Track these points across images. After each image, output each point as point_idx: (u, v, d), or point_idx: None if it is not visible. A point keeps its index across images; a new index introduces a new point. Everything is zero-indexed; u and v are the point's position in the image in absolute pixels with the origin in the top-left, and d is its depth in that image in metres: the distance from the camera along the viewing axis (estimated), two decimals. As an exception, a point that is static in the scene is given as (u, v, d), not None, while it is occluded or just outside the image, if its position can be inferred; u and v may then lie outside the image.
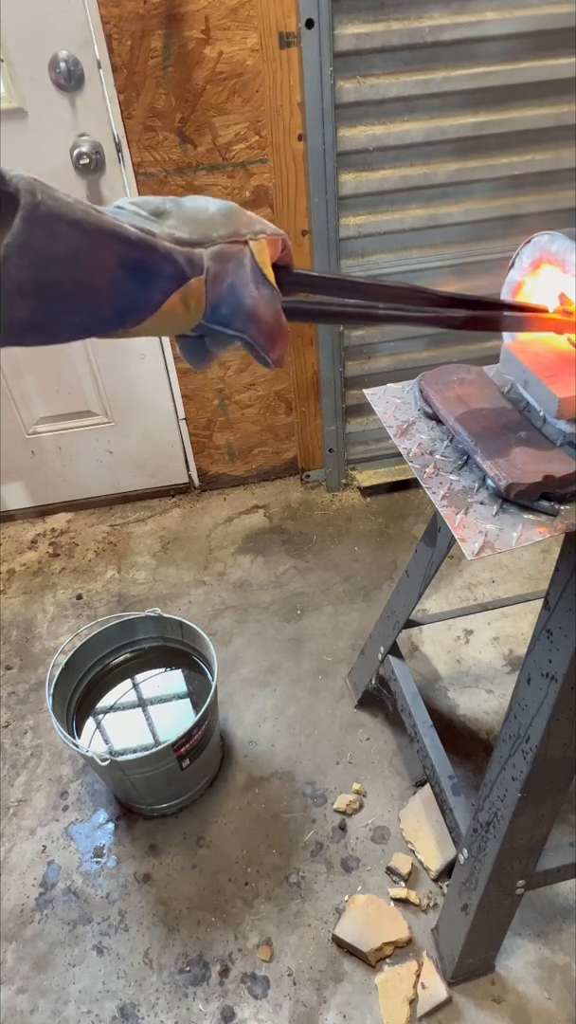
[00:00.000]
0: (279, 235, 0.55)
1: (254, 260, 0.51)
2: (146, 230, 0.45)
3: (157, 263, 0.45)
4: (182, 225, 0.48)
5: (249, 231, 0.51)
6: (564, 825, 1.43)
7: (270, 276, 0.52)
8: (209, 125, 1.68)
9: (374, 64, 1.65)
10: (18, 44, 1.53)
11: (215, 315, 0.50)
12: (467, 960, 1.21)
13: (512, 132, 1.78)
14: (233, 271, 0.50)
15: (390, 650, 1.48)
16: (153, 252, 0.45)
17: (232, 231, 0.50)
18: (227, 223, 0.50)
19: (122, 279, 0.44)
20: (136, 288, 0.45)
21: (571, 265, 0.76)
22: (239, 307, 0.50)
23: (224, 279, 0.49)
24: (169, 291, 0.46)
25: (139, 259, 0.44)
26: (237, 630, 1.89)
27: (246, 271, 0.50)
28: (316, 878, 1.40)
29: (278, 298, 0.53)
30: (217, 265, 0.49)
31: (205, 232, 0.49)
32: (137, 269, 0.44)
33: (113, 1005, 1.26)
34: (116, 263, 0.43)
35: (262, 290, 0.51)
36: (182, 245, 0.47)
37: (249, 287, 0.51)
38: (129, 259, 0.44)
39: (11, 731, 1.71)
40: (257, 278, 0.51)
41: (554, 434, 0.82)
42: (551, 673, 0.88)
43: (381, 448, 2.30)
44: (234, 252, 0.50)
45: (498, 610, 1.79)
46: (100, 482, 2.29)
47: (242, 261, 0.50)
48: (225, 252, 0.49)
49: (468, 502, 0.79)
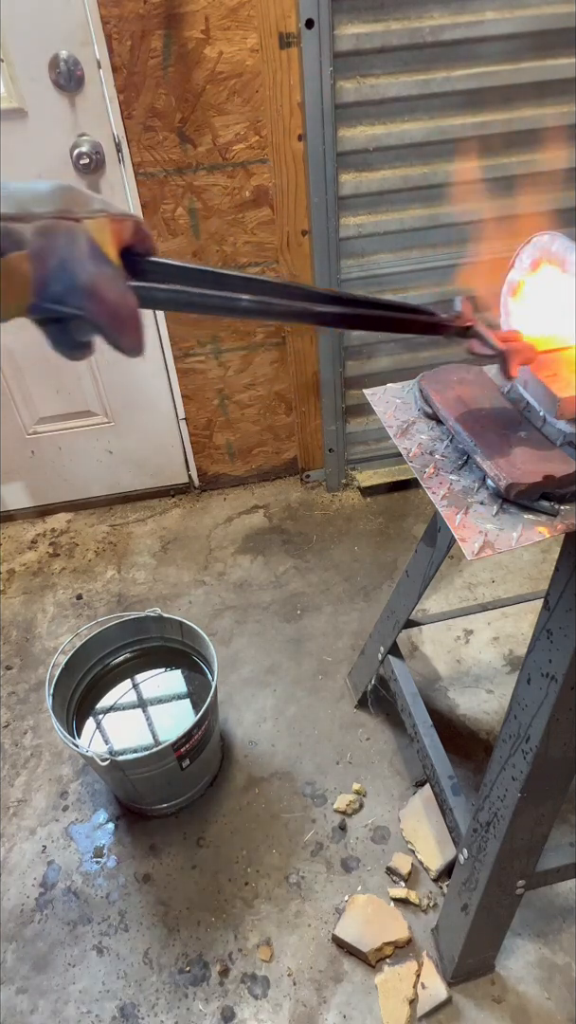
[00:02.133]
0: (128, 217, 0.52)
1: (91, 238, 0.48)
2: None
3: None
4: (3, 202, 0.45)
5: (84, 210, 0.49)
6: (564, 825, 1.43)
7: (111, 255, 0.50)
8: (209, 125, 1.68)
9: (374, 64, 1.65)
10: (18, 44, 1.53)
11: (47, 292, 0.48)
12: (467, 960, 1.21)
13: (512, 132, 1.78)
14: (64, 247, 0.47)
15: (390, 650, 1.48)
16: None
17: (60, 208, 0.48)
18: (54, 200, 0.48)
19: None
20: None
21: (571, 265, 0.77)
22: (73, 283, 0.48)
23: (52, 254, 0.47)
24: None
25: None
26: (237, 630, 1.89)
27: (81, 247, 0.48)
28: (316, 878, 1.40)
29: (121, 277, 0.50)
30: (42, 240, 0.46)
31: (27, 208, 0.46)
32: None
33: (113, 1005, 1.26)
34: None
35: (102, 267, 0.49)
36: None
37: (85, 263, 0.48)
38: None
39: (11, 731, 1.71)
40: (95, 255, 0.48)
41: (554, 434, 0.82)
42: (551, 673, 0.88)
43: (381, 448, 2.30)
44: (63, 227, 0.47)
45: (498, 610, 1.79)
46: (100, 482, 2.29)
47: (74, 237, 0.48)
48: (51, 227, 0.47)
49: (468, 502, 0.79)
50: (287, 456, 2.33)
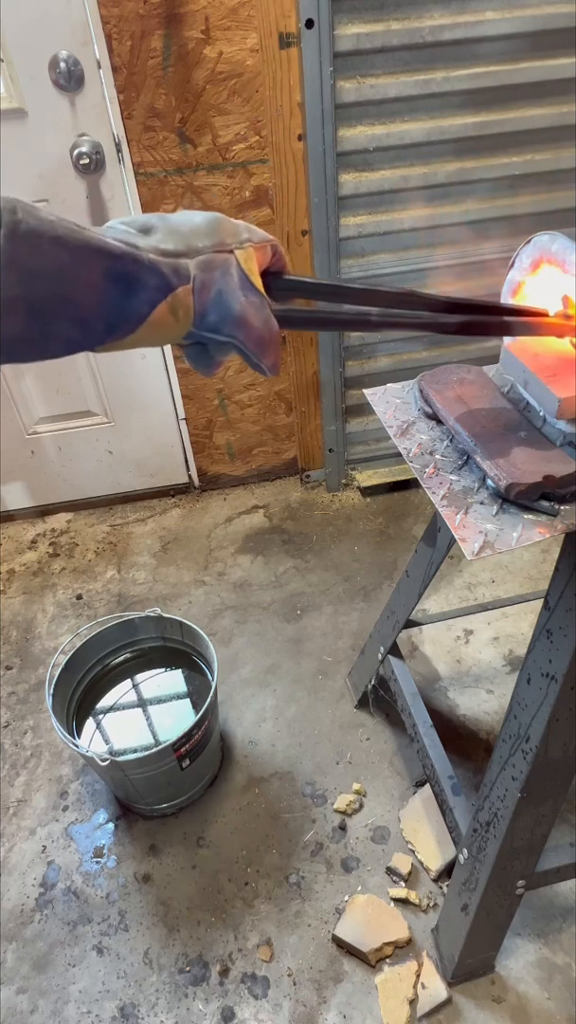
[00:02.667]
0: (268, 242, 0.55)
1: (240, 268, 0.52)
2: (131, 243, 0.46)
3: (142, 274, 0.46)
4: (167, 238, 0.49)
5: (235, 240, 0.52)
6: (564, 825, 1.43)
7: (257, 283, 0.53)
8: (209, 125, 1.68)
9: (374, 64, 1.65)
10: (18, 44, 1.53)
11: (204, 322, 0.51)
12: (467, 960, 1.21)
13: (512, 132, 1.78)
14: (220, 279, 0.51)
15: (390, 650, 1.48)
16: (138, 264, 0.46)
17: (217, 241, 0.51)
18: (211, 233, 0.51)
19: (109, 292, 0.45)
20: (123, 300, 0.46)
21: (571, 265, 0.76)
22: (227, 313, 0.51)
23: (211, 287, 0.50)
24: (156, 301, 0.47)
25: (124, 271, 0.45)
26: (237, 630, 1.89)
27: (233, 279, 0.51)
28: (316, 878, 1.40)
29: (266, 304, 0.54)
30: (204, 274, 0.50)
31: (190, 243, 0.50)
32: (123, 281, 0.46)
33: (113, 1005, 1.26)
34: (102, 276, 0.44)
35: (250, 296, 0.52)
36: (167, 256, 0.48)
37: (237, 293, 0.51)
38: (114, 272, 0.45)
39: (11, 731, 1.71)
40: (244, 285, 0.52)
41: (554, 434, 0.82)
42: (551, 673, 0.88)
43: (381, 448, 2.30)
44: (220, 261, 0.51)
45: (498, 610, 1.79)
46: (100, 482, 2.29)
47: (228, 269, 0.51)
48: (211, 261, 0.50)
49: (468, 502, 0.79)
50: (287, 456, 2.33)
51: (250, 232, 0.54)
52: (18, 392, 2.05)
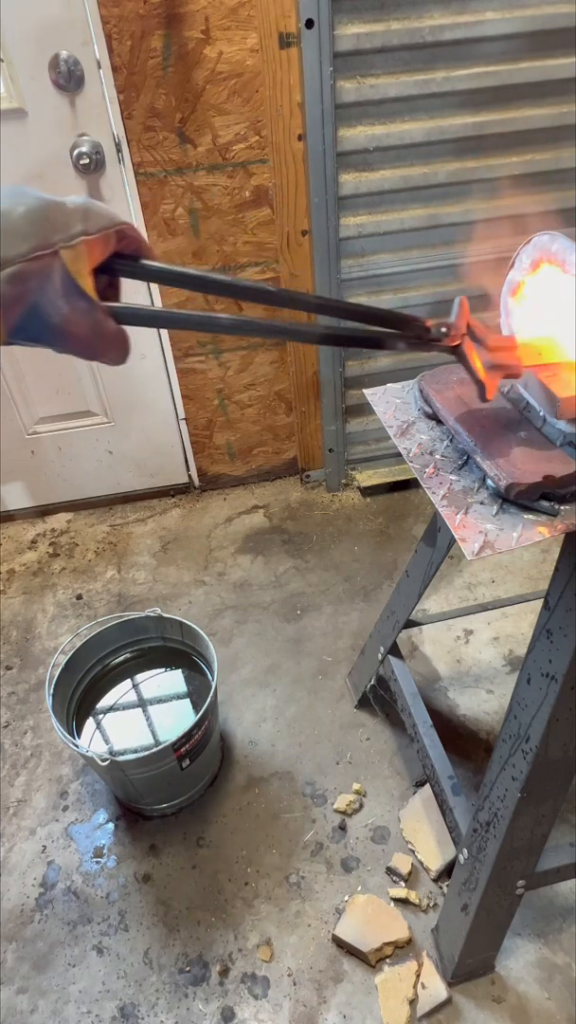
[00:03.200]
0: (108, 229, 0.51)
1: (65, 271, 0.48)
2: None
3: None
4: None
5: (63, 236, 0.48)
6: (564, 825, 1.43)
7: (86, 286, 0.49)
8: (209, 125, 1.68)
9: (374, 64, 1.65)
10: (18, 44, 1.53)
11: (21, 334, 0.49)
12: (467, 960, 1.21)
13: (512, 132, 1.78)
14: (36, 290, 0.47)
15: (390, 650, 1.48)
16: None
17: (36, 243, 0.46)
18: (32, 233, 0.46)
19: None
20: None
21: (571, 265, 0.76)
22: (45, 325, 0.48)
23: (25, 300, 0.47)
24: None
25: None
26: (237, 630, 1.89)
27: (54, 285, 0.47)
28: (316, 878, 1.40)
29: (96, 308, 0.50)
30: (14, 288, 0.46)
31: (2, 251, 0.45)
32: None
33: (113, 1005, 1.26)
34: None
35: (75, 302, 0.49)
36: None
37: (57, 304, 0.48)
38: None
39: (11, 731, 1.71)
40: (68, 291, 0.48)
41: (554, 434, 0.82)
42: (551, 673, 0.88)
43: (381, 448, 2.30)
44: (37, 269, 0.46)
45: (498, 610, 1.79)
46: (100, 482, 2.29)
47: (49, 275, 0.47)
48: (24, 272, 0.46)
49: (468, 502, 0.79)
50: (287, 456, 2.32)
51: (86, 220, 0.49)
52: (18, 392, 2.05)
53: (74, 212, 0.49)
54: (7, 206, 0.46)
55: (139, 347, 2.01)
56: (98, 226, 0.50)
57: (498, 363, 0.75)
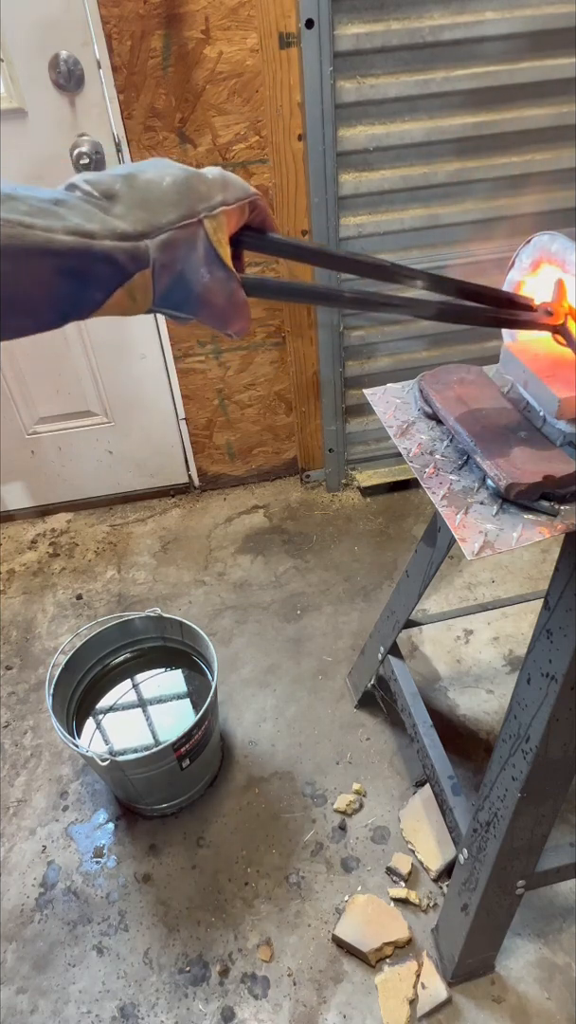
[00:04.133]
0: (244, 200, 0.52)
1: (208, 241, 0.49)
2: (83, 232, 0.44)
3: (96, 266, 0.45)
4: (129, 213, 0.46)
5: (206, 206, 0.49)
6: (564, 825, 1.43)
7: (225, 256, 0.51)
8: (209, 125, 1.68)
9: (374, 64, 1.65)
10: (18, 44, 1.53)
11: (165, 302, 0.50)
12: (467, 960, 1.21)
13: (512, 132, 1.78)
14: (183, 258, 0.48)
15: (390, 650, 1.48)
16: (89, 257, 0.44)
17: (184, 212, 0.48)
18: (179, 202, 0.48)
19: (60, 286, 0.44)
20: (75, 291, 0.45)
21: (571, 265, 0.76)
22: (189, 293, 0.50)
23: (173, 268, 0.48)
24: (111, 289, 0.46)
25: (74, 267, 0.44)
26: (237, 630, 1.89)
27: (198, 254, 0.49)
28: (316, 878, 1.40)
29: (233, 277, 0.52)
30: (164, 255, 0.47)
31: (153, 219, 0.47)
32: (73, 275, 0.44)
33: (113, 1005, 1.26)
34: (52, 273, 0.43)
35: (215, 272, 0.50)
36: (126, 239, 0.45)
37: (200, 272, 0.49)
38: (64, 268, 0.43)
39: (11, 731, 1.71)
40: (210, 259, 0.50)
41: (554, 434, 0.82)
42: (551, 673, 0.88)
43: (381, 448, 2.30)
44: (184, 237, 0.48)
45: (498, 610, 1.79)
46: (100, 482, 2.29)
47: (194, 244, 0.49)
48: (174, 240, 0.48)
49: (468, 502, 0.79)
50: (287, 456, 2.33)
51: (225, 191, 0.51)
52: (18, 392, 2.05)
53: (214, 182, 0.50)
54: (155, 176, 0.48)
55: (139, 347, 2.01)
56: (235, 196, 0.51)
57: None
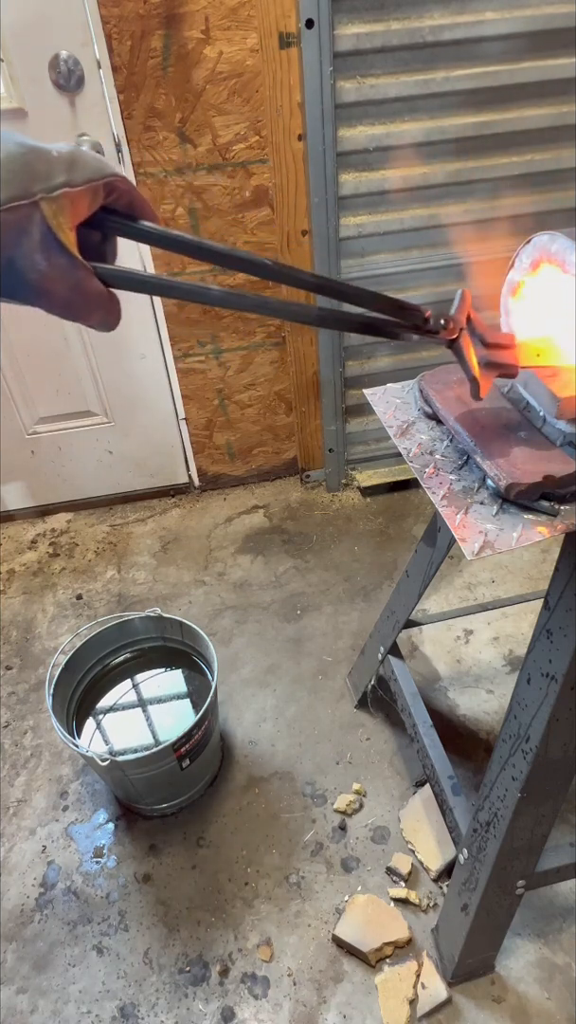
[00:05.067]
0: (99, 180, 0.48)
1: (45, 224, 0.45)
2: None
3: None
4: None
5: (44, 186, 0.45)
6: (564, 825, 1.43)
7: (67, 240, 0.46)
8: (209, 125, 1.68)
9: (374, 64, 1.65)
10: (18, 44, 1.53)
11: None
12: (467, 960, 1.21)
13: (512, 132, 1.78)
14: (12, 243, 0.44)
15: (390, 650, 1.48)
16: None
17: (17, 192, 0.44)
18: (11, 181, 0.44)
19: None
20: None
21: (571, 265, 0.76)
22: (21, 282, 0.46)
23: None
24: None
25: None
26: (237, 630, 1.89)
27: (32, 240, 0.45)
28: (316, 878, 1.40)
29: (78, 264, 0.47)
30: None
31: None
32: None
33: (113, 1005, 1.26)
34: None
35: (54, 259, 0.46)
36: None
37: (34, 258, 0.45)
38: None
39: (11, 731, 1.71)
40: (48, 245, 0.45)
41: (554, 434, 0.82)
42: (551, 673, 0.88)
43: (381, 448, 2.30)
44: (14, 220, 0.44)
45: (498, 610, 1.79)
46: (100, 482, 2.29)
47: (27, 228, 0.45)
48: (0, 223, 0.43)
49: (468, 502, 0.79)
50: (287, 456, 2.32)
51: (71, 171, 0.46)
52: (18, 392, 2.05)
53: (58, 161, 0.46)
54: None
55: (139, 347, 2.01)
56: (84, 177, 0.47)
57: (494, 361, 0.75)
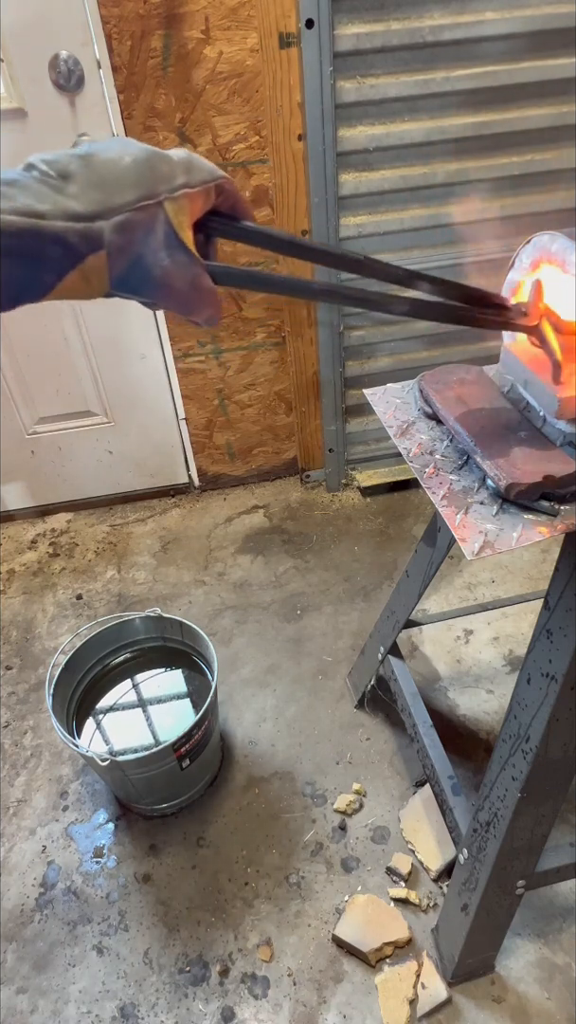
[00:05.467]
0: (209, 183, 0.51)
1: (168, 223, 0.48)
2: (33, 212, 0.43)
3: (45, 248, 0.43)
4: (83, 193, 0.45)
5: (167, 187, 0.48)
6: (564, 825, 1.43)
7: (187, 238, 0.49)
8: (209, 125, 1.68)
9: (374, 64, 1.65)
10: (18, 44, 1.53)
11: (123, 286, 0.48)
12: (467, 960, 1.21)
13: (512, 132, 1.78)
14: (140, 240, 0.47)
15: (390, 650, 1.48)
16: (38, 238, 0.43)
17: (143, 192, 0.46)
18: (139, 183, 0.46)
19: (8, 268, 0.42)
20: (24, 274, 0.43)
21: (571, 265, 0.76)
22: (147, 277, 0.48)
23: (128, 251, 0.47)
24: (64, 271, 0.45)
25: (22, 247, 0.42)
26: (237, 630, 1.89)
27: (157, 237, 0.47)
28: (316, 878, 1.40)
29: (196, 262, 0.50)
30: (120, 237, 0.46)
31: (109, 200, 0.45)
32: (22, 257, 0.43)
33: (113, 1005, 1.26)
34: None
35: (176, 256, 0.48)
36: (79, 220, 0.44)
37: (159, 255, 0.48)
38: (11, 249, 0.42)
39: (11, 731, 1.71)
40: (170, 243, 0.48)
41: (554, 434, 0.82)
42: (551, 673, 0.88)
43: (381, 448, 2.30)
44: (142, 219, 0.46)
45: (498, 610, 1.79)
46: (100, 482, 2.29)
47: (152, 227, 0.47)
48: (130, 222, 0.46)
49: (468, 502, 0.79)
50: (287, 456, 2.32)
51: (189, 174, 0.49)
52: (18, 392, 2.05)
53: (178, 164, 0.49)
54: (115, 155, 0.47)
55: (139, 347, 2.01)
56: (200, 179, 0.50)
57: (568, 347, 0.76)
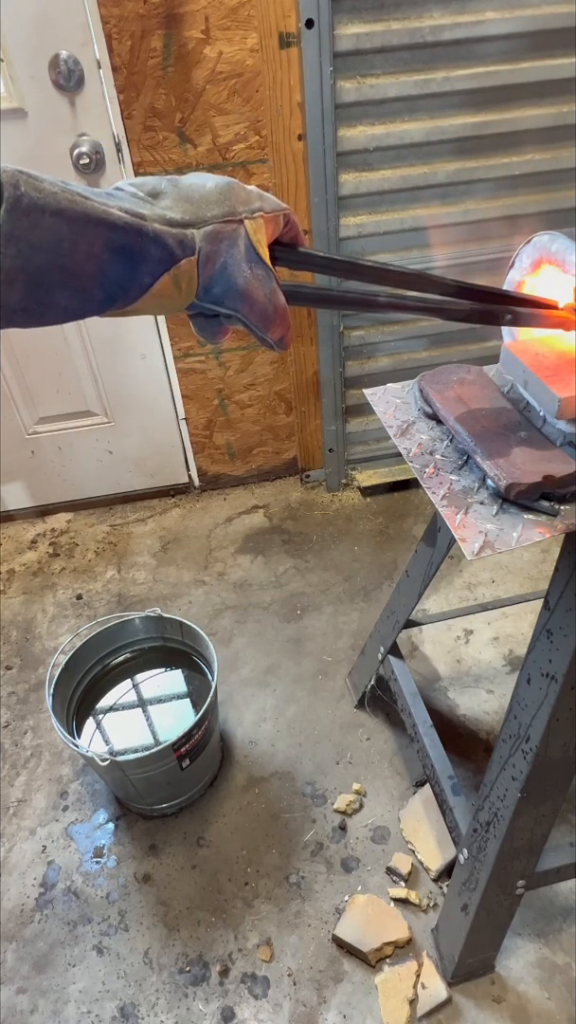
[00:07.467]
0: (280, 211, 0.54)
1: (249, 239, 0.51)
2: (135, 213, 0.45)
3: (145, 246, 0.46)
4: (176, 205, 0.48)
5: (246, 209, 0.51)
6: (564, 825, 1.43)
7: (265, 255, 0.52)
8: (209, 125, 1.68)
9: (374, 64, 1.65)
10: (18, 44, 1.53)
11: (208, 295, 0.51)
12: (467, 960, 1.21)
13: (512, 132, 1.78)
14: (226, 251, 0.50)
15: (390, 650, 1.48)
16: (141, 236, 0.45)
17: (227, 210, 0.50)
18: (222, 201, 0.50)
19: (110, 263, 0.45)
20: (125, 271, 0.46)
21: (571, 265, 0.76)
22: (231, 286, 0.51)
23: (217, 259, 0.49)
24: (159, 273, 0.47)
25: (126, 243, 0.45)
26: (237, 630, 1.89)
27: (240, 250, 0.50)
28: (316, 878, 1.40)
29: (273, 277, 0.53)
30: (210, 245, 0.49)
31: (198, 212, 0.49)
32: (125, 253, 0.45)
33: (113, 1005, 1.26)
34: (103, 248, 0.44)
35: (256, 270, 0.51)
36: (173, 226, 0.47)
37: (242, 266, 0.51)
38: (116, 244, 0.44)
39: (11, 731, 1.71)
40: (251, 257, 0.51)
41: (554, 434, 0.82)
42: (551, 673, 0.88)
43: (381, 448, 2.30)
44: (227, 231, 0.50)
45: (498, 610, 1.79)
46: (100, 482, 2.29)
47: (236, 240, 0.50)
48: (218, 232, 0.49)
49: (468, 502, 0.79)
50: (287, 456, 2.32)
51: (262, 200, 0.53)
52: (18, 392, 2.05)
53: (252, 191, 0.53)
54: (198, 181, 0.50)
55: (139, 347, 2.01)
56: (272, 206, 0.53)
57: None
